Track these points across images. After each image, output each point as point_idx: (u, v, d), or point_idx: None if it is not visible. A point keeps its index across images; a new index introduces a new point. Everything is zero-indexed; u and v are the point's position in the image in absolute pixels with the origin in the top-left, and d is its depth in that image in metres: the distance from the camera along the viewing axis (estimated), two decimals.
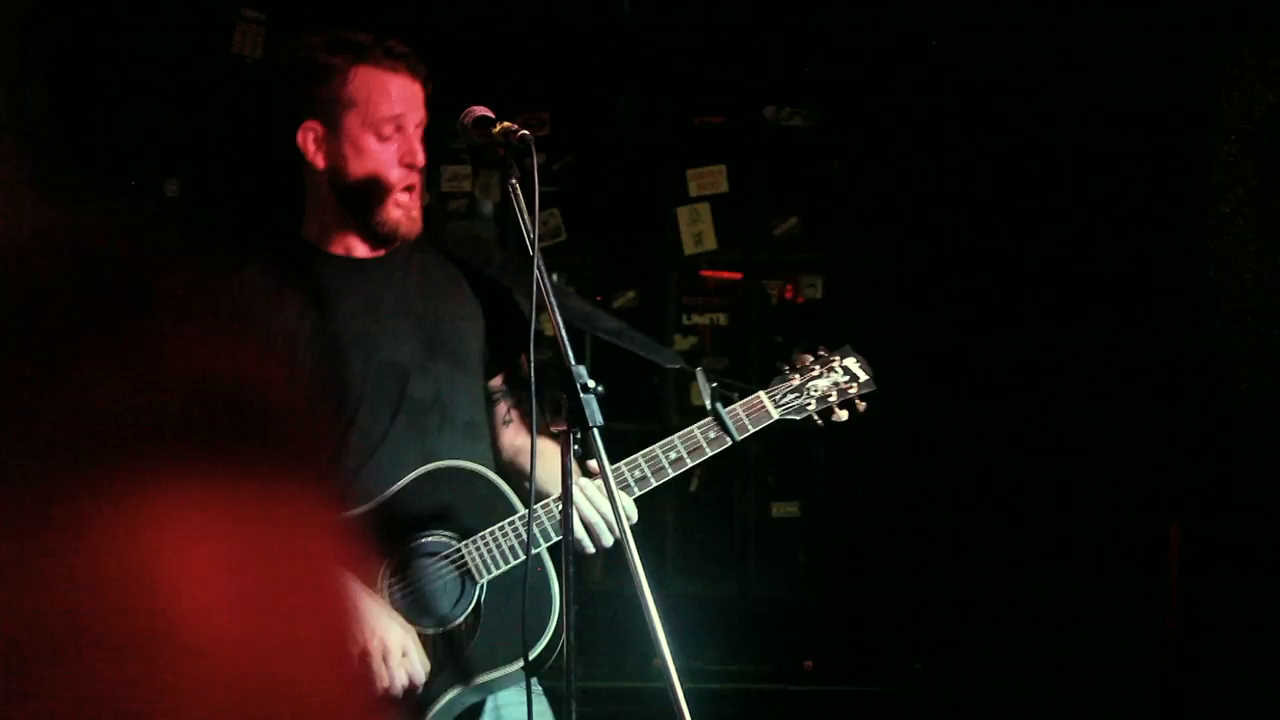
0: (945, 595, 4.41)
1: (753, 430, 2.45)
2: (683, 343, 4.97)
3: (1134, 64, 4.07)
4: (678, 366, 2.58)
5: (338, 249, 2.44)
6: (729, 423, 2.41)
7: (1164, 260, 3.99)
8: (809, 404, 2.51)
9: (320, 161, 2.38)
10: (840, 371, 2.56)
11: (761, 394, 2.47)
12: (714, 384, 2.44)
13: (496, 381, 2.55)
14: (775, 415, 2.47)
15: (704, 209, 4.89)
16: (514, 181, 2.20)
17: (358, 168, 2.35)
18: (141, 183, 4.29)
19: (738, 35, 4.75)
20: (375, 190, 2.35)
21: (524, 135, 2.18)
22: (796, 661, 4.60)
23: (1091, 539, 4.14)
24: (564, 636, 2.06)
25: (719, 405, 2.42)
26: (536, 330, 2.13)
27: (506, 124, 2.22)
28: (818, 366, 2.54)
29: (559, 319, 2.11)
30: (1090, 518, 4.14)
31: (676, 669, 1.94)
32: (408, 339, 2.41)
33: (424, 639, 2.31)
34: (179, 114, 4.32)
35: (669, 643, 1.95)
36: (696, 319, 5.00)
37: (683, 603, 4.48)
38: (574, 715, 2.02)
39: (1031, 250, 4.39)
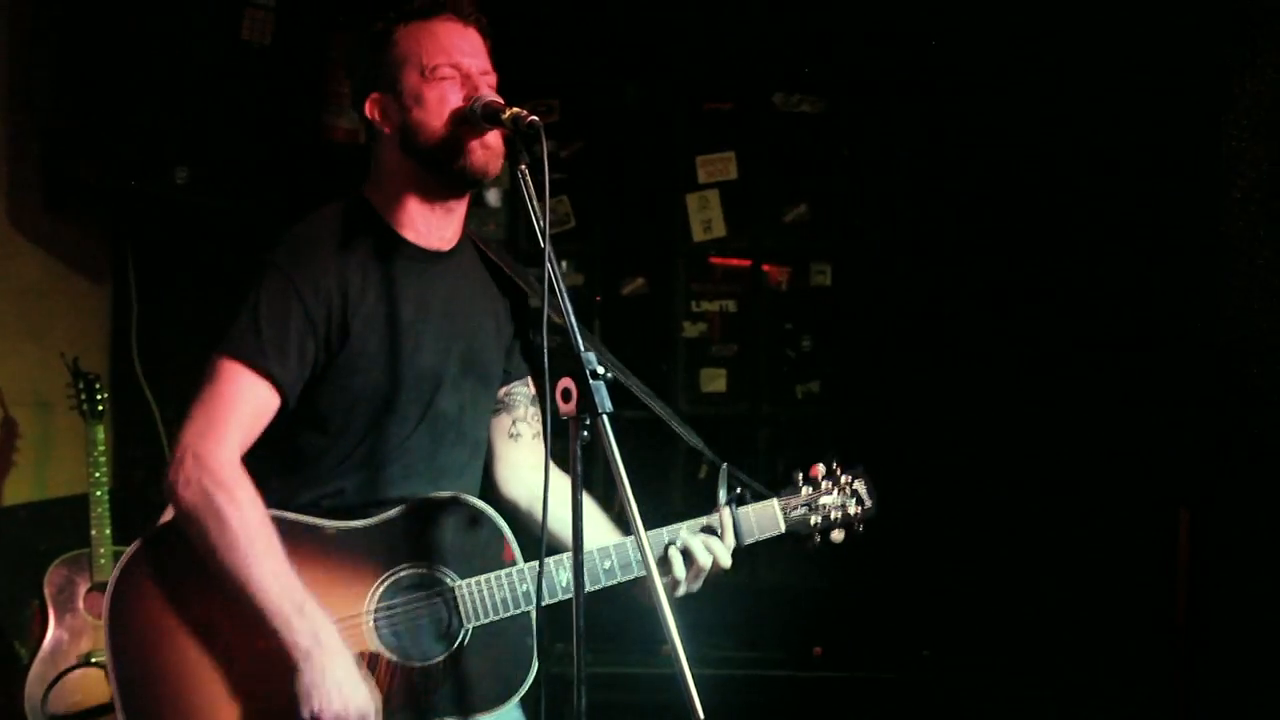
0: (955, 582, 4.41)
1: (758, 538, 2.50)
2: (691, 329, 4.96)
3: (1145, 48, 4.05)
4: (703, 451, 2.61)
5: (407, 231, 2.40)
6: (741, 526, 2.47)
7: (1175, 246, 3.98)
8: (814, 519, 2.54)
9: (388, 128, 2.36)
10: (848, 493, 2.58)
11: (774, 503, 2.52)
12: (735, 489, 2.49)
13: (502, 391, 2.54)
14: (783, 528, 2.52)
15: (713, 196, 4.88)
16: (523, 168, 2.18)
17: (422, 117, 2.32)
18: (150, 170, 4.29)
19: (747, 21, 4.74)
20: (446, 134, 2.31)
21: (533, 121, 2.17)
22: (806, 648, 4.60)
23: (1101, 526, 4.13)
24: (576, 624, 2.06)
25: (733, 507, 2.48)
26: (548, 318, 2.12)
27: (516, 109, 2.21)
28: (827, 483, 2.57)
29: (568, 305, 2.11)
30: (1100, 504, 4.13)
31: (686, 655, 1.94)
32: (448, 346, 2.40)
33: (400, 670, 2.29)
34: (188, 101, 4.32)
35: (678, 628, 1.95)
36: (705, 306, 4.98)
37: None
38: (583, 701, 2.02)
39: (1041, 236, 4.38)
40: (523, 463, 2.57)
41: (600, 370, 2.01)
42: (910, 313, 4.62)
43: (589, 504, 2.38)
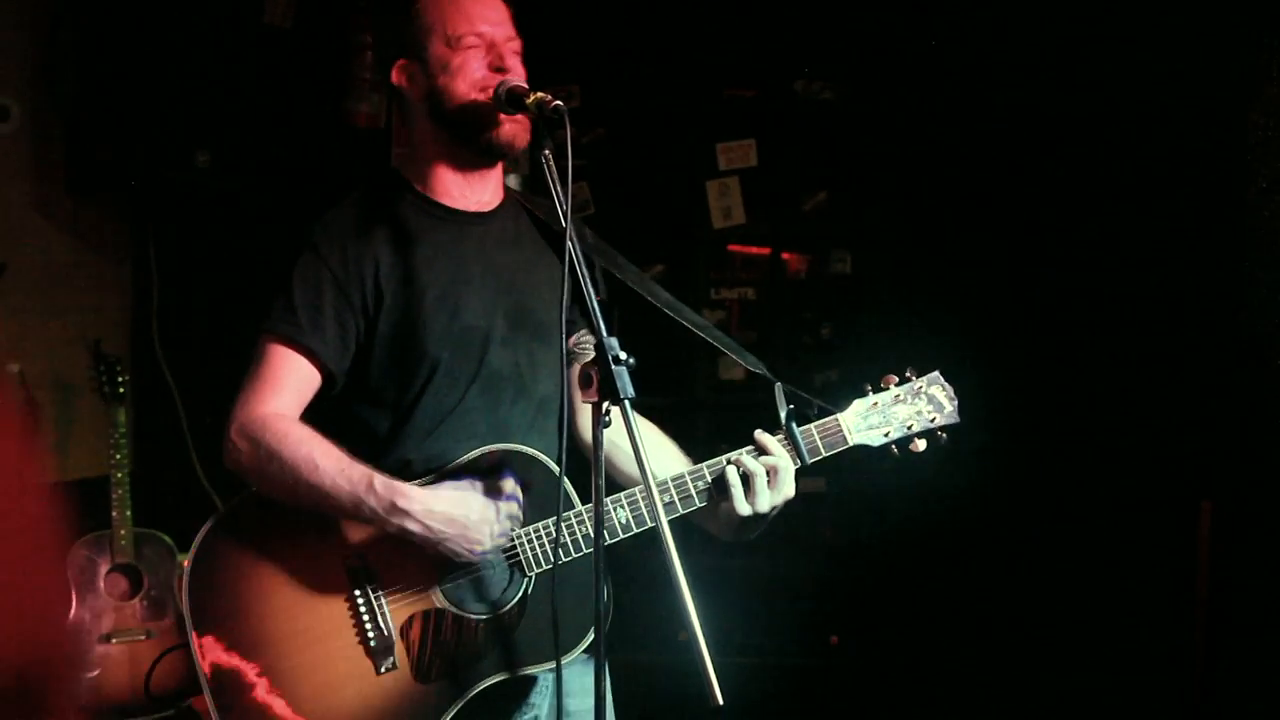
0: (973, 572, 4.40)
1: (824, 455, 2.37)
2: (710, 317, 4.96)
3: (1170, 37, 4.02)
4: (759, 371, 2.47)
5: (441, 196, 2.43)
6: (801, 443, 2.34)
7: (1199, 236, 3.96)
8: (888, 430, 2.39)
9: (416, 95, 2.40)
10: (924, 400, 2.42)
11: (839, 416, 2.37)
12: (790, 405, 2.34)
13: (572, 341, 2.52)
14: (851, 440, 2.38)
15: (733, 183, 4.87)
16: (546, 153, 2.19)
17: (450, 86, 2.35)
18: (172, 153, 4.30)
19: (769, 8, 4.72)
20: (476, 104, 2.33)
21: (558, 105, 2.17)
22: (822, 636, 4.60)
23: (1123, 518, 4.12)
24: (597, 607, 2.06)
25: (793, 424, 2.34)
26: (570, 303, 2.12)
27: (540, 94, 2.22)
28: (902, 391, 2.41)
29: (590, 290, 2.11)
30: (1122, 496, 4.11)
31: (705, 640, 1.94)
32: (493, 304, 2.40)
33: (471, 624, 2.31)
34: (209, 85, 4.33)
35: (697, 614, 1.94)
36: (724, 293, 4.98)
37: (709, 577, 4.47)
38: (605, 685, 2.03)
39: (1063, 226, 4.36)
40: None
41: (623, 356, 2.00)
42: (930, 302, 4.61)
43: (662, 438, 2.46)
